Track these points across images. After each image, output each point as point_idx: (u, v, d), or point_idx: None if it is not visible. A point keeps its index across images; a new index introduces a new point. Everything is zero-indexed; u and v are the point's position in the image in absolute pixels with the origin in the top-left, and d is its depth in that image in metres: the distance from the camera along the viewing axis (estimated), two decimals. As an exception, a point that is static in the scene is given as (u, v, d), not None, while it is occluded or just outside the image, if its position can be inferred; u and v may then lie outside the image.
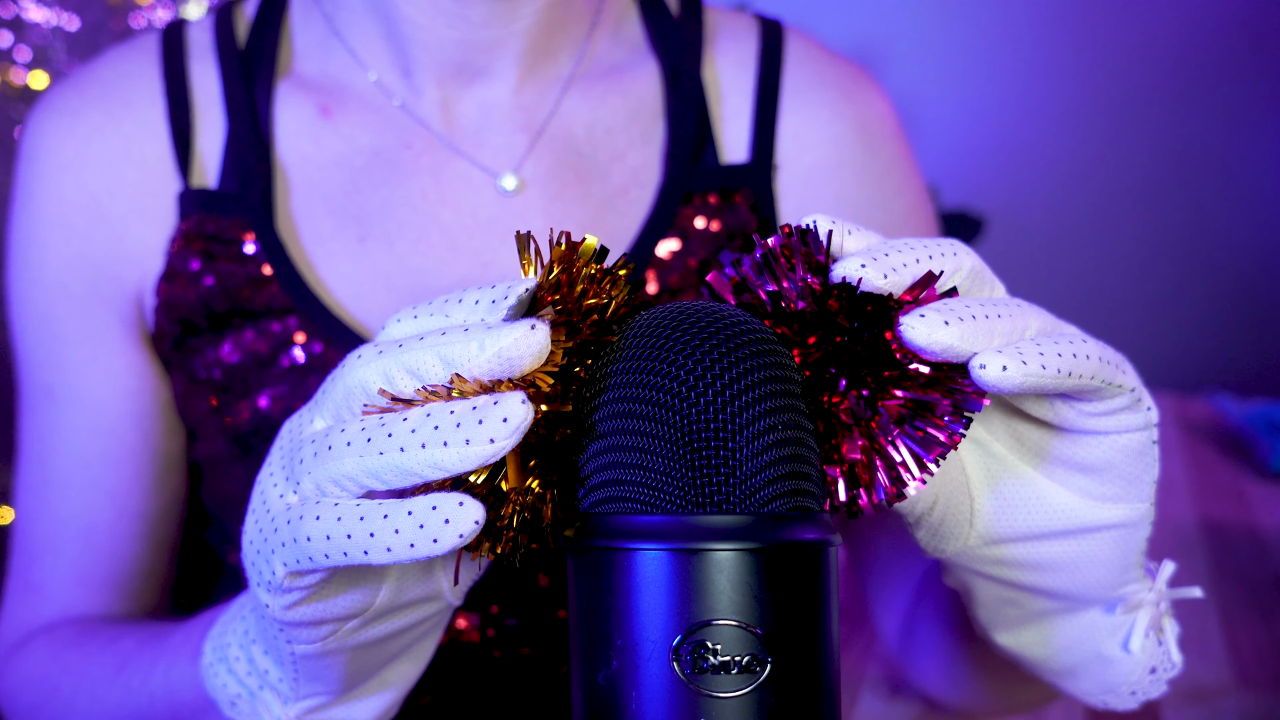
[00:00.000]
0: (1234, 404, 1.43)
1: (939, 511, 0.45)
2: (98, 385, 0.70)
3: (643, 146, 0.71)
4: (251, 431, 0.68)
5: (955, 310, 0.39)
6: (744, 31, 0.74)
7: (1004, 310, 0.40)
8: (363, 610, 0.42)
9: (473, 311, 0.39)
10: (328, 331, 0.67)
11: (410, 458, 0.36)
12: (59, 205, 0.69)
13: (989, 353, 0.38)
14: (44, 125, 0.70)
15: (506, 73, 0.69)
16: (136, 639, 0.63)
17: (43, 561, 0.71)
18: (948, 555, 0.47)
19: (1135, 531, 0.46)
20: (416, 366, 0.37)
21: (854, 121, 0.73)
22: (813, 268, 0.40)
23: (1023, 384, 0.38)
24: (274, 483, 0.41)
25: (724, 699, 0.36)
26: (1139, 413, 0.43)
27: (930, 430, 0.39)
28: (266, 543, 0.39)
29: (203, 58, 0.70)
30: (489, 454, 0.35)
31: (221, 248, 0.68)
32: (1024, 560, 0.47)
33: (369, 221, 0.69)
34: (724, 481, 0.37)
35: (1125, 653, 0.50)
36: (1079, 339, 0.40)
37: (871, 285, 0.39)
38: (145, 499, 0.71)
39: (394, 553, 0.36)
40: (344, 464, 0.37)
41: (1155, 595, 0.49)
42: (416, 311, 0.40)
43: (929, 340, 0.38)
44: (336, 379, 0.40)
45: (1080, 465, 0.44)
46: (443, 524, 0.35)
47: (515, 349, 0.36)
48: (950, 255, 0.41)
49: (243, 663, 0.48)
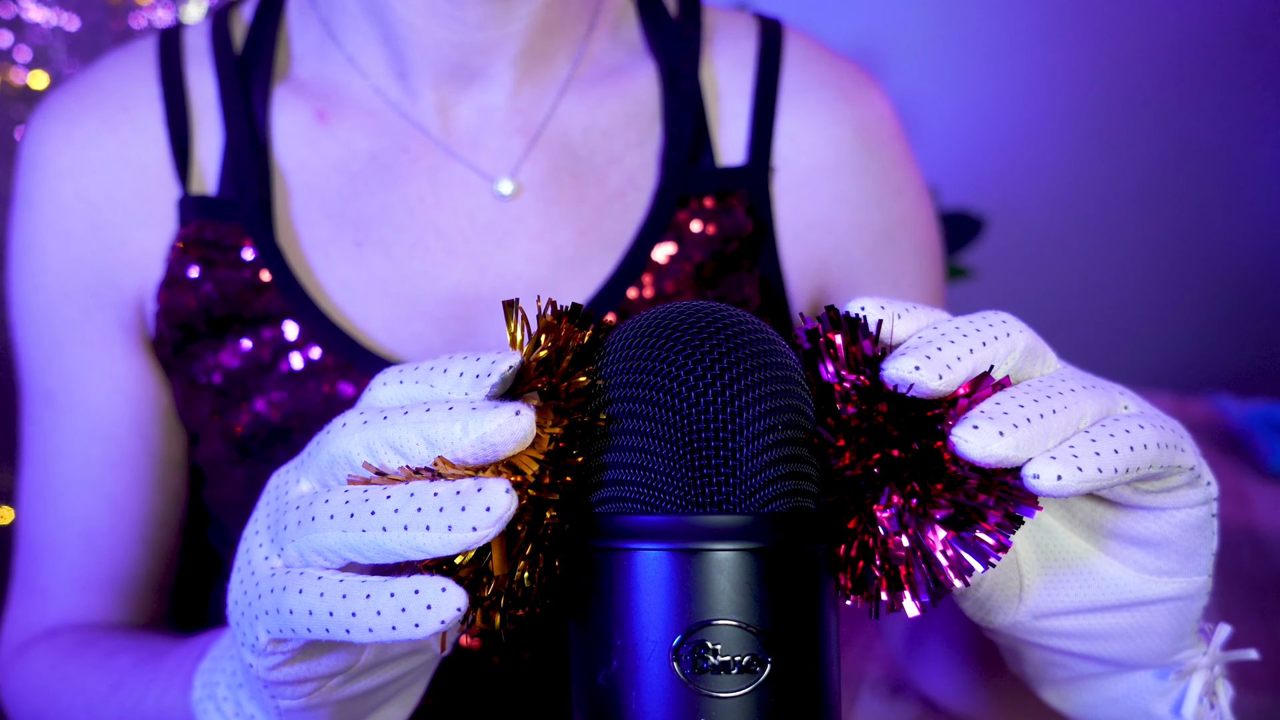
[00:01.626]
0: (1234, 404, 1.43)
1: (986, 587, 0.44)
2: (98, 390, 0.70)
3: (640, 149, 0.71)
4: (250, 436, 0.68)
5: (1010, 416, 0.37)
6: (743, 32, 0.74)
7: (1059, 405, 0.38)
8: (346, 669, 0.42)
9: (457, 385, 0.38)
10: (326, 337, 0.67)
11: (392, 538, 0.36)
12: (58, 212, 0.69)
13: (1043, 459, 0.37)
14: (42, 132, 0.70)
15: (503, 75, 0.69)
16: (133, 658, 0.63)
17: (45, 564, 0.71)
18: (996, 627, 0.46)
19: (1192, 603, 0.45)
20: (400, 443, 0.37)
21: (854, 122, 0.72)
22: (859, 361, 0.38)
23: (1079, 490, 0.37)
24: (259, 543, 0.41)
25: (724, 699, 0.36)
26: (1199, 489, 0.42)
27: (979, 536, 0.38)
28: (251, 607, 0.39)
29: (200, 63, 0.70)
30: (471, 541, 0.35)
31: (220, 254, 0.68)
32: (1075, 631, 0.45)
33: (366, 226, 0.68)
34: (724, 481, 0.37)
35: (1176, 717, 0.48)
36: (1136, 425, 0.39)
37: (925, 390, 0.37)
38: (145, 503, 0.72)
39: (375, 634, 0.36)
40: (327, 538, 0.37)
41: (1210, 659, 0.47)
42: (403, 376, 0.40)
43: (984, 454, 0.36)
44: (322, 445, 0.39)
45: (1136, 540, 0.43)
46: (424, 609, 0.35)
47: (498, 435, 0.36)
48: (1004, 337, 0.39)
49: (230, 704, 0.48)
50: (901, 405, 0.38)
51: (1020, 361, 0.40)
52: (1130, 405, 0.41)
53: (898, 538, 0.38)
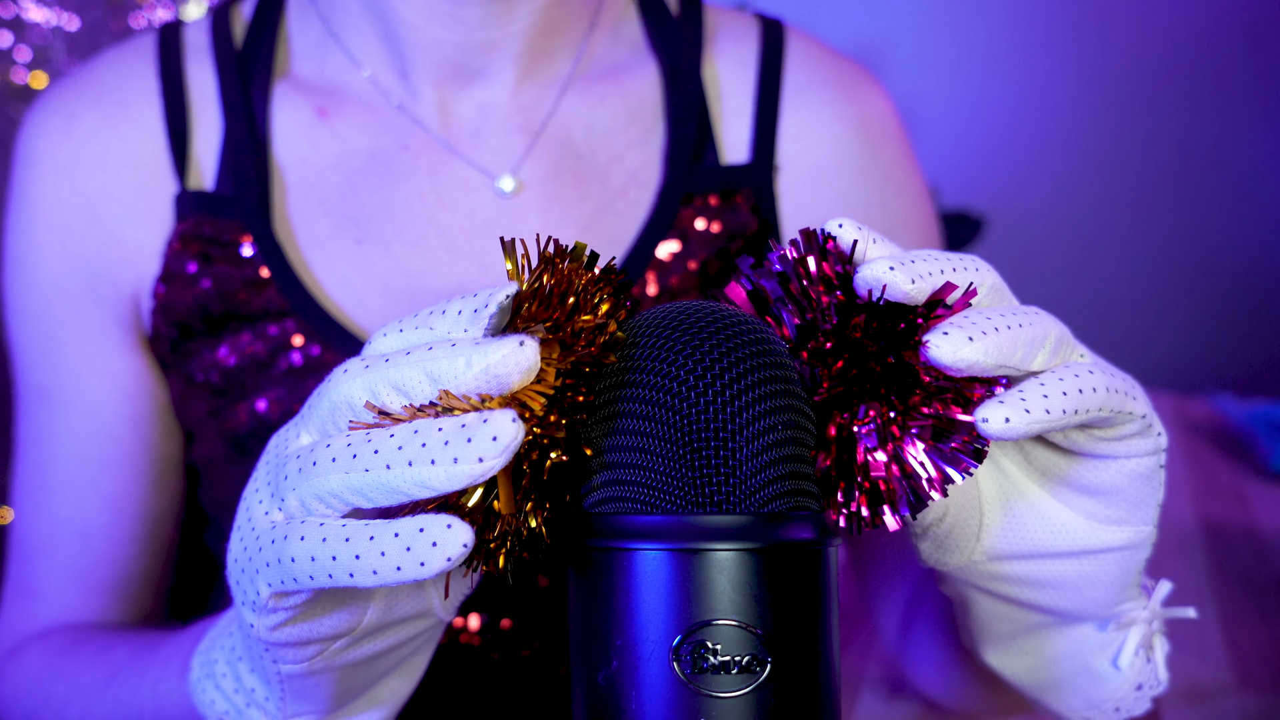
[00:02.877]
0: (1234, 404, 1.43)
1: (948, 524, 0.45)
2: (94, 387, 0.69)
3: (642, 147, 0.71)
4: (249, 434, 0.68)
5: (978, 325, 0.38)
6: (744, 31, 0.74)
7: (1024, 320, 0.39)
8: (350, 630, 0.41)
9: (456, 323, 0.38)
10: (325, 334, 0.66)
11: (397, 476, 0.35)
12: (55, 207, 0.69)
13: (991, 403, 0.38)
14: (40, 127, 0.70)
15: (504, 74, 0.69)
16: (128, 649, 0.63)
17: (40, 564, 0.71)
18: (949, 568, 0.47)
19: (1136, 553, 0.46)
20: (403, 383, 0.37)
21: (856, 121, 0.72)
22: (834, 280, 0.39)
23: (1027, 432, 0.38)
24: (259, 499, 0.40)
25: (724, 699, 0.36)
26: (1149, 438, 0.43)
27: (956, 446, 0.39)
28: (251, 562, 0.39)
29: (199, 59, 0.70)
30: (478, 473, 0.34)
31: (219, 250, 0.67)
32: (1025, 577, 0.47)
33: (367, 223, 0.68)
34: (724, 481, 0.37)
35: (1114, 669, 0.50)
36: (1085, 370, 0.40)
37: (898, 291, 0.38)
38: (142, 501, 0.71)
39: (380, 576, 0.35)
40: (329, 481, 0.36)
41: (1149, 614, 0.49)
42: (402, 325, 0.39)
43: (955, 358, 0.37)
44: (322, 394, 0.39)
45: (1087, 488, 0.44)
46: (430, 547, 0.34)
47: (503, 366, 0.35)
48: (973, 270, 0.41)
49: (229, 680, 0.47)
50: (877, 319, 0.39)
51: (988, 298, 0.41)
52: (1085, 356, 0.42)
53: (876, 452, 0.39)
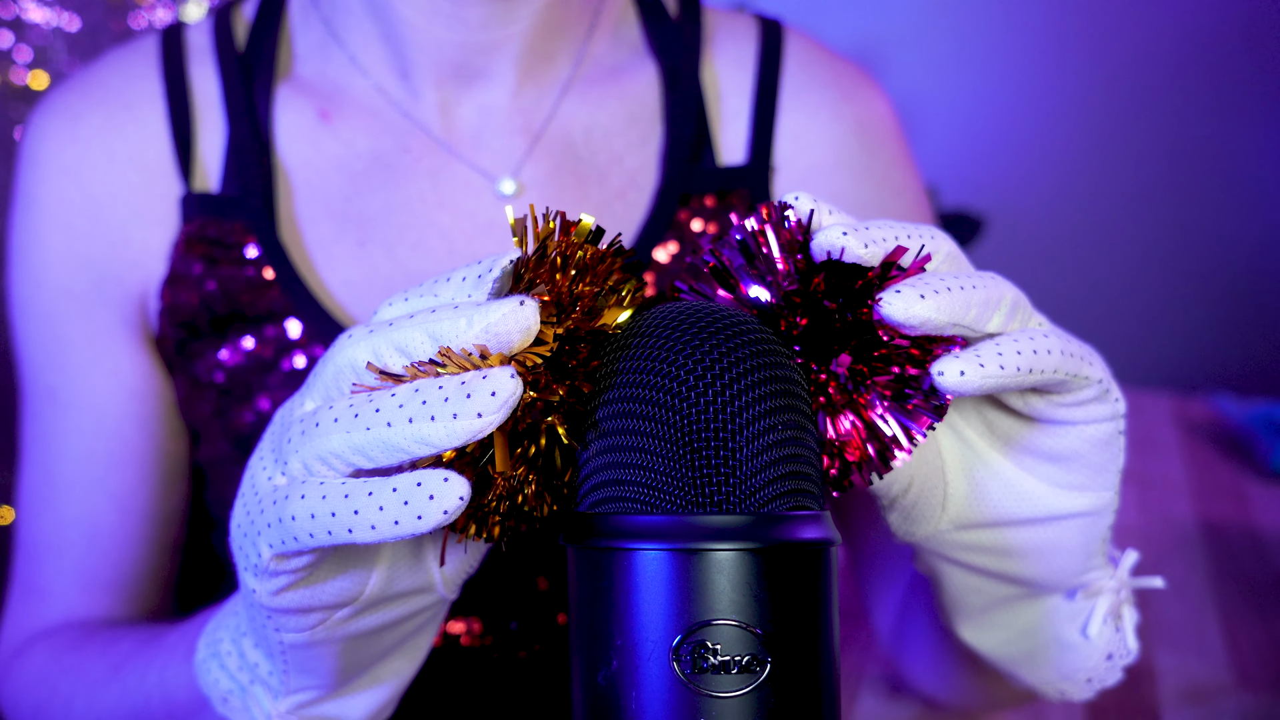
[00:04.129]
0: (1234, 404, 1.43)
1: (914, 494, 0.46)
2: (101, 387, 0.69)
3: (641, 149, 0.71)
4: (253, 434, 0.68)
5: (930, 284, 0.39)
6: (743, 32, 0.74)
7: (979, 281, 0.40)
8: (352, 599, 0.42)
9: (460, 289, 0.39)
10: (329, 335, 0.67)
11: (397, 433, 0.36)
12: (61, 208, 0.69)
13: (947, 358, 0.39)
14: (45, 128, 0.70)
15: (505, 75, 0.69)
16: (134, 641, 0.63)
17: (46, 565, 0.71)
18: (918, 539, 0.48)
19: (1099, 520, 0.47)
20: (405, 344, 0.37)
21: (854, 122, 0.73)
22: (794, 246, 0.41)
23: (981, 385, 0.39)
24: (263, 465, 0.41)
25: (724, 699, 0.36)
26: (1106, 404, 0.44)
27: (916, 403, 0.40)
28: (253, 525, 0.39)
29: (202, 60, 0.70)
30: (476, 429, 0.35)
31: (224, 252, 0.68)
32: (991, 546, 0.48)
33: (369, 225, 0.69)
34: (724, 481, 0.37)
35: (1084, 638, 0.51)
36: (1040, 334, 0.41)
37: (852, 254, 0.39)
38: (150, 501, 0.71)
39: (378, 530, 0.36)
40: (331, 441, 0.37)
41: (1116, 583, 0.50)
42: (407, 294, 0.40)
43: (907, 315, 0.38)
44: (326, 360, 0.40)
45: (1048, 454, 0.45)
46: (427, 500, 0.35)
47: (503, 324, 0.36)
48: (928, 238, 0.42)
49: (234, 657, 0.48)
50: (834, 283, 0.40)
51: (945, 266, 0.42)
52: (1044, 324, 0.43)
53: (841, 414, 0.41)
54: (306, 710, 0.47)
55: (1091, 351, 0.43)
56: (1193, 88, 2.37)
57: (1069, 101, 2.44)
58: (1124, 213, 2.46)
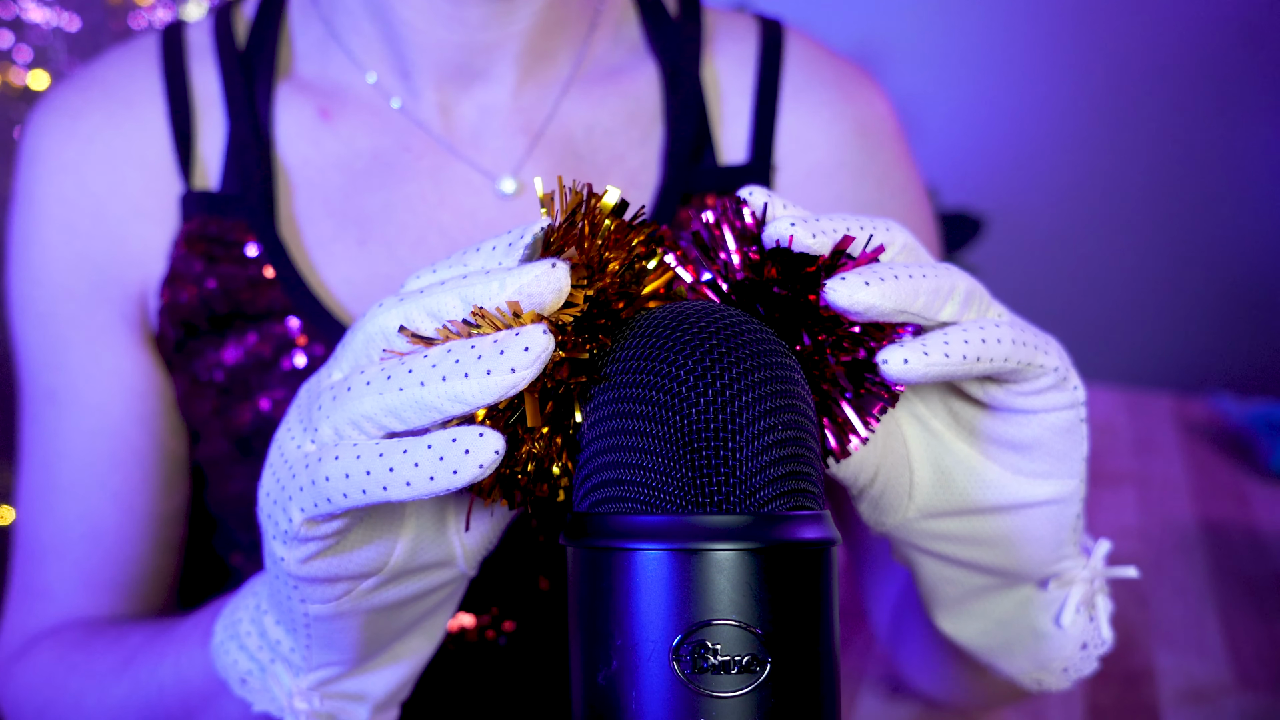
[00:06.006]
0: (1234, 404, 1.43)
1: (880, 483, 0.47)
2: (102, 386, 0.69)
3: (642, 148, 0.71)
4: (253, 433, 0.68)
5: (877, 272, 0.39)
6: (743, 32, 0.74)
7: (929, 271, 0.41)
8: (378, 568, 0.42)
9: (490, 257, 0.39)
10: (329, 334, 0.67)
11: (430, 391, 0.36)
12: (61, 206, 0.69)
13: (891, 347, 0.40)
14: (45, 126, 0.70)
15: (505, 75, 0.69)
16: (143, 634, 0.63)
17: (47, 566, 0.71)
18: (888, 529, 0.49)
19: (1066, 507, 0.48)
20: (437, 308, 0.38)
21: (854, 122, 0.73)
22: (747, 237, 0.42)
23: (926, 374, 0.40)
24: (291, 435, 0.41)
25: (724, 699, 0.36)
26: (1065, 392, 0.44)
27: (869, 388, 0.41)
28: (284, 490, 0.39)
29: (202, 59, 0.70)
30: (510, 384, 0.35)
31: (224, 250, 0.68)
32: (960, 534, 0.48)
33: (369, 224, 0.69)
34: (724, 481, 0.37)
35: (1057, 628, 0.51)
36: (992, 324, 0.41)
37: (801, 243, 0.40)
38: (152, 500, 0.71)
39: (413, 487, 0.36)
40: (363, 403, 0.37)
41: (1089, 572, 0.50)
42: (436, 267, 0.41)
43: (850, 301, 0.39)
44: (356, 329, 0.40)
45: (1012, 443, 0.46)
46: (462, 454, 0.35)
47: (535, 285, 0.37)
48: (883, 229, 0.42)
49: (254, 637, 0.48)
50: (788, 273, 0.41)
51: (901, 256, 0.43)
52: (1002, 314, 0.44)
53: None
54: (328, 687, 0.47)
55: (1049, 340, 0.44)
56: (1193, 88, 2.37)
57: (1069, 102, 2.44)
58: (1124, 213, 2.46)
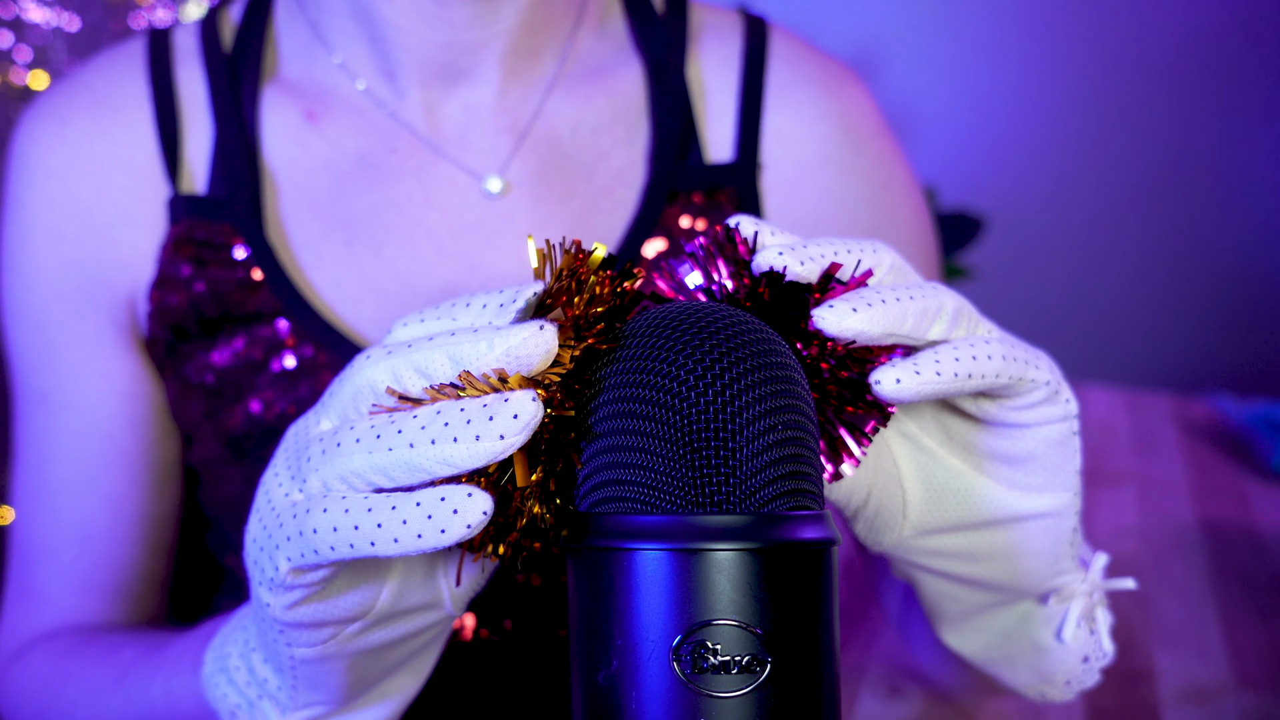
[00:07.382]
0: (1234, 404, 1.43)
1: (873, 504, 0.47)
2: (92, 390, 0.69)
3: (627, 146, 0.71)
4: (244, 435, 0.68)
5: (864, 297, 0.40)
6: (729, 29, 0.74)
7: (916, 293, 0.41)
8: (364, 613, 0.42)
9: (480, 315, 0.39)
10: (318, 335, 0.67)
11: (420, 454, 0.36)
12: (49, 211, 0.69)
13: (884, 368, 0.40)
14: (32, 132, 0.70)
15: (490, 74, 0.69)
16: (137, 649, 0.63)
17: (41, 567, 0.71)
18: (886, 548, 0.49)
19: (1062, 521, 0.48)
20: (425, 366, 0.38)
21: (839, 119, 0.73)
22: (738, 265, 0.42)
23: (919, 393, 0.40)
24: (279, 482, 0.40)
25: (724, 699, 0.36)
26: (1057, 405, 0.45)
27: (860, 409, 0.42)
28: (270, 538, 0.39)
29: (189, 63, 0.70)
30: (499, 450, 0.35)
31: (212, 253, 0.68)
32: (956, 550, 0.48)
33: (356, 225, 0.69)
34: (724, 481, 0.37)
35: (1059, 643, 0.51)
36: (981, 341, 0.42)
37: (791, 272, 0.41)
38: (143, 502, 0.71)
39: (401, 543, 0.36)
40: (353, 461, 0.37)
41: (1088, 586, 0.51)
42: (423, 315, 0.40)
43: (840, 328, 0.40)
44: (344, 380, 0.40)
45: (1005, 457, 0.46)
46: (451, 514, 0.35)
47: (524, 348, 0.37)
48: (870, 252, 0.43)
49: (242, 672, 0.48)
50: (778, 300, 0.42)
51: (889, 277, 0.43)
52: (992, 331, 0.44)
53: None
54: None
55: (1039, 355, 0.44)
56: (1193, 88, 2.37)
57: (1069, 101, 2.44)
58: (1124, 213, 2.46)
